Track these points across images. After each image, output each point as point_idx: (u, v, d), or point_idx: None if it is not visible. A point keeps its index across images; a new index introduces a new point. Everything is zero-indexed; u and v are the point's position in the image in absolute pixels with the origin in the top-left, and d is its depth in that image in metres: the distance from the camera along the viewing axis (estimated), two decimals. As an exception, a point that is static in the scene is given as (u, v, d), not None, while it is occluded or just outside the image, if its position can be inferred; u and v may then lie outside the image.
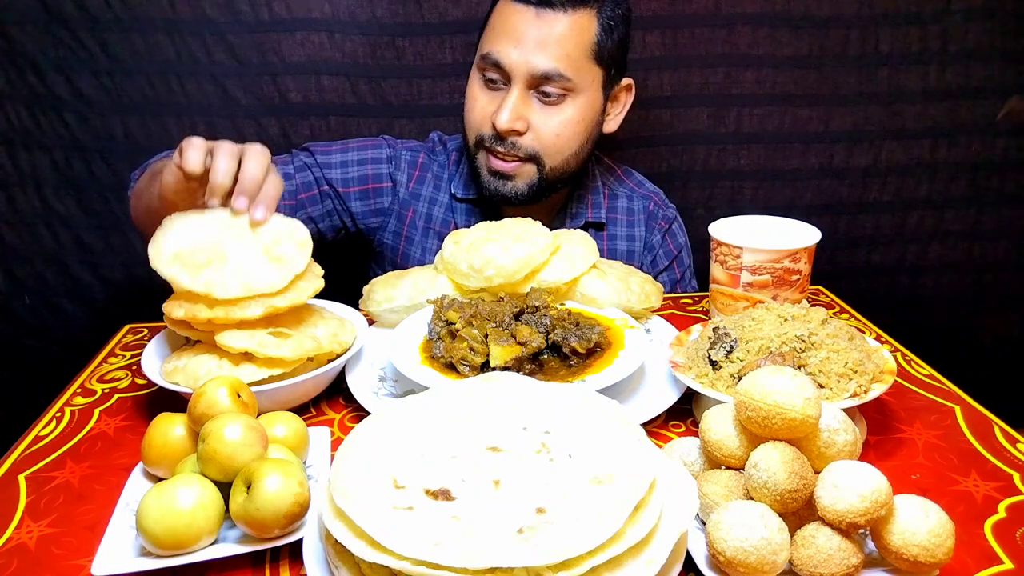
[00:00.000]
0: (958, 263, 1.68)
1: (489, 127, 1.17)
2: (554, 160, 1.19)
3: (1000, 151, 1.60)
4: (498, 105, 1.15)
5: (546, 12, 1.11)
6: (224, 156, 0.85)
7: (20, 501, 0.74)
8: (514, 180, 1.20)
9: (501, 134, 1.15)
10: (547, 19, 1.11)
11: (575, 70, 1.13)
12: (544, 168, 1.19)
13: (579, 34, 1.12)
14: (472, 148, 1.22)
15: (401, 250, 1.32)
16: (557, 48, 1.11)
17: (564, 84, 1.14)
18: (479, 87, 1.19)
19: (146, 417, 0.88)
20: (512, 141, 1.16)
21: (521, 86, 1.13)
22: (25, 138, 1.44)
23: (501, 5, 1.15)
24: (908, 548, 0.58)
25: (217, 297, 0.81)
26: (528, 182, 1.20)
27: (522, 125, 1.15)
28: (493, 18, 1.17)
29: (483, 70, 1.17)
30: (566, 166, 1.21)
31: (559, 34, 1.11)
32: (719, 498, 0.64)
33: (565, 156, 1.20)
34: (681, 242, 1.37)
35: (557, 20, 1.11)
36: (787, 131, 1.56)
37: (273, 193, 0.87)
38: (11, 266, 1.51)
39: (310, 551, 0.62)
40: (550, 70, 1.12)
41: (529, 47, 1.11)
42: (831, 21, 1.49)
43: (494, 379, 0.72)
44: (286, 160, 1.28)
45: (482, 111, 1.18)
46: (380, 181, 1.30)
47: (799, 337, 0.80)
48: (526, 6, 1.11)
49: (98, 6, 1.37)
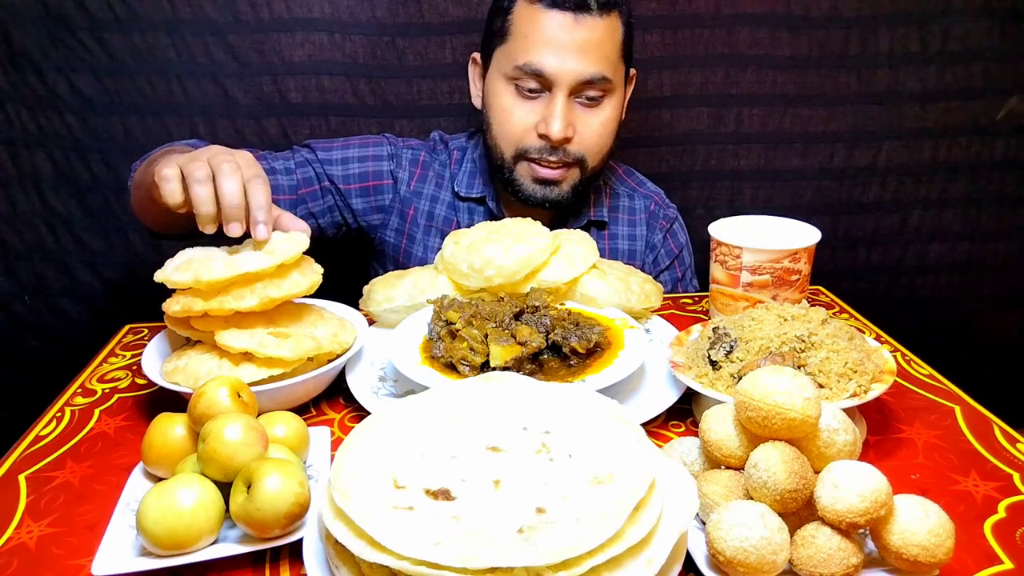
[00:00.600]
0: (958, 263, 1.68)
1: (534, 138, 1.16)
2: (595, 160, 1.21)
3: (1000, 151, 1.60)
4: (543, 115, 1.15)
5: (585, 17, 1.10)
6: (199, 185, 0.82)
7: (20, 501, 0.74)
8: (561, 185, 1.20)
9: (555, 144, 1.15)
10: (586, 24, 1.11)
11: (613, 70, 1.15)
12: (587, 170, 1.20)
13: (612, 35, 1.14)
14: (510, 161, 1.20)
15: (403, 248, 1.32)
16: (598, 51, 1.12)
17: (605, 86, 1.15)
18: (512, 98, 1.17)
19: (146, 417, 0.88)
20: (563, 149, 1.16)
21: (565, 92, 1.13)
22: (25, 138, 1.44)
23: (526, 11, 1.13)
24: (908, 548, 0.58)
25: (202, 279, 0.80)
26: (572, 185, 1.21)
27: (572, 131, 1.15)
28: (520, 26, 1.14)
29: (516, 80, 1.15)
30: (602, 164, 1.24)
31: (598, 37, 1.12)
32: (719, 498, 0.64)
33: (604, 155, 1.22)
34: (682, 241, 1.38)
35: (596, 24, 1.11)
36: (787, 131, 1.56)
37: (261, 201, 0.84)
38: (11, 266, 1.51)
39: (310, 551, 0.62)
40: (595, 75, 1.12)
41: (572, 53, 1.11)
42: (831, 21, 1.50)
43: (494, 379, 0.72)
44: (287, 156, 1.27)
45: (521, 122, 1.17)
46: (381, 178, 1.30)
47: (799, 337, 0.80)
48: (562, 12, 1.10)
49: (98, 6, 1.37)
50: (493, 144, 1.22)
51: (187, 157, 0.86)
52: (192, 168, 0.83)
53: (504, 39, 1.16)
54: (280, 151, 1.29)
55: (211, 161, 0.84)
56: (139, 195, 1.09)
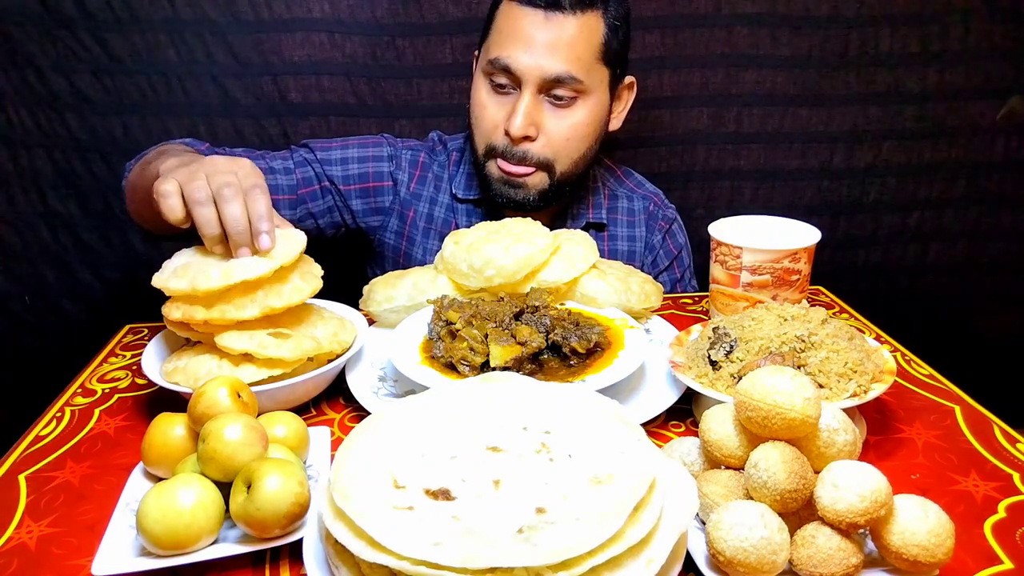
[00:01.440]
0: (958, 263, 1.68)
1: (501, 135, 1.16)
2: (564, 165, 1.19)
3: (1000, 151, 1.60)
4: (509, 111, 1.14)
5: (555, 14, 1.09)
6: (201, 207, 0.81)
7: (20, 501, 0.74)
8: (526, 187, 1.19)
9: (514, 140, 1.14)
10: (556, 21, 1.10)
11: (585, 72, 1.13)
12: (555, 174, 1.19)
13: (588, 35, 1.12)
14: (482, 157, 1.20)
15: (403, 250, 1.31)
16: (568, 50, 1.10)
17: (575, 86, 1.13)
18: (486, 93, 1.17)
19: (146, 417, 0.88)
20: (524, 149, 1.15)
21: (532, 90, 1.12)
22: (25, 138, 1.44)
23: (505, 8, 1.14)
24: (908, 548, 0.58)
25: (200, 288, 0.80)
26: (539, 189, 1.19)
27: (534, 131, 1.14)
28: (498, 21, 1.15)
29: (490, 75, 1.15)
30: (575, 169, 1.21)
31: (569, 36, 1.10)
32: (719, 498, 0.64)
33: (574, 159, 1.19)
34: (681, 242, 1.38)
35: (567, 22, 1.10)
36: (787, 131, 1.56)
37: (262, 211, 0.83)
38: (11, 266, 1.51)
39: (310, 551, 0.62)
40: (562, 73, 1.11)
41: (540, 50, 1.10)
42: (831, 21, 1.49)
43: (494, 379, 0.72)
44: (286, 155, 1.27)
45: (492, 119, 1.17)
46: (381, 180, 1.29)
47: (799, 337, 0.80)
48: (534, 9, 1.10)
49: (98, 6, 1.37)
50: (471, 140, 1.23)
51: (186, 174, 0.84)
52: (192, 190, 0.82)
53: (487, 34, 1.17)
54: (279, 151, 1.29)
55: (211, 181, 0.82)
56: (136, 199, 1.08)
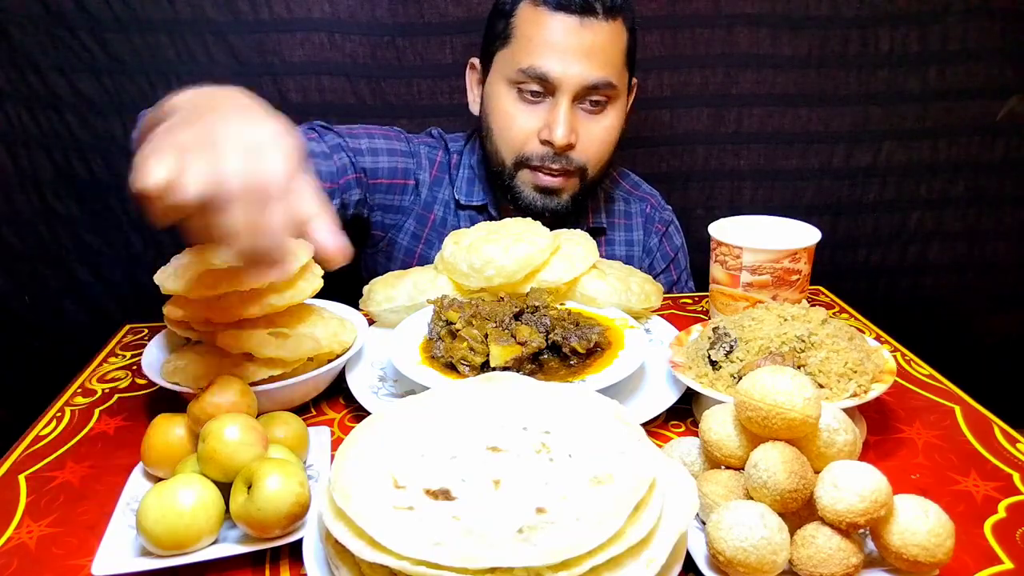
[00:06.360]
0: (958, 263, 1.68)
1: (536, 144, 1.14)
2: (595, 168, 1.19)
3: (1000, 151, 1.60)
4: (546, 120, 1.12)
5: (590, 20, 1.09)
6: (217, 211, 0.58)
7: (20, 501, 0.74)
8: (561, 195, 1.18)
9: (558, 150, 1.13)
10: (591, 28, 1.09)
11: (617, 76, 1.13)
12: (586, 179, 1.18)
13: (617, 40, 1.12)
14: (511, 168, 1.18)
15: (418, 252, 1.28)
16: (603, 56, 1.10)
17: (609, 92, 1.13)
18: (513, 103, 1.14)
19: (146, 417, 0.88)
20: (566, 156, 1.14)
21: (569, 97, 1.11)
22: (25, 138, 1.44)
23: (530, 14, 1.11)
24: (908, 548, 0.58)
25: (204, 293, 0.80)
26: (572, 194, 1.19)
27: (575, 138, 1.13)
28: (524, 28, 1.12)
29: (519, 84, 1.13)
30: (601, 173, 1.21)
31: (603, 42, 1.10)
32: (719, 498, 0.64)
33: (604, 163, 1.20)
34: (678, 244, 1.37)
35: (600, 28, 1.09)
36: (787, 131, 1.56)
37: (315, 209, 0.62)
38: (11, 266, 1.51)
39: (310, 551, 0.62)
40: (600, 80, 1.11)
41: (577, 57, 1.09)
42: (831, 21, 1.50)
43: (494, 379, 0.72)
44: (314, 137, 1.17)
45: (523, 128, 1.14)
46: (407, 177, 1.26)
47: (799, 337, 0.80)
48: (567, 15, 1.08)
49: (98, 6, 1.37)
50: (493, 151, 1.19)
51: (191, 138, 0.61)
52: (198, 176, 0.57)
53: (507, 42, 1.14)
54: None
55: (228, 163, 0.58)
56: None
